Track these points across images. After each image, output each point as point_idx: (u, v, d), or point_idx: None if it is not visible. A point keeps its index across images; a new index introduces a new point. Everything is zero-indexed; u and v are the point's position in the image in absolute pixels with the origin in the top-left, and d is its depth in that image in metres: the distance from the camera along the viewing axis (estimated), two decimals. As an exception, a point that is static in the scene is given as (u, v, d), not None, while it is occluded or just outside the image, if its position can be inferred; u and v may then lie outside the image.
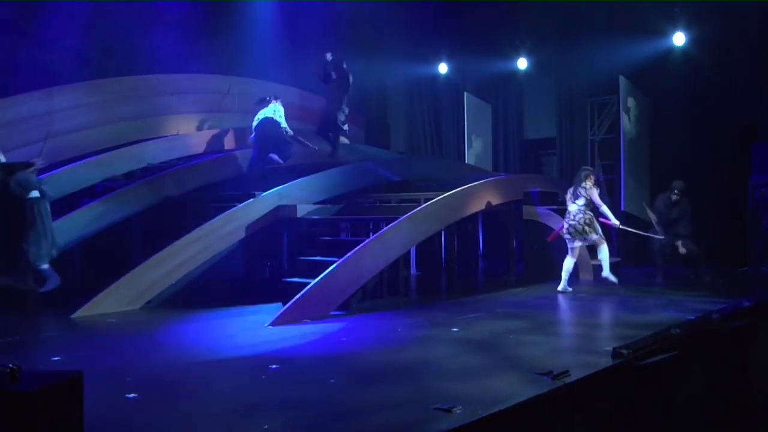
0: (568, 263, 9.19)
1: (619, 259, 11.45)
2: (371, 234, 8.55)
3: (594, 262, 10.45)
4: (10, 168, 8.10)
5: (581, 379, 4.68)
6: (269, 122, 10.73)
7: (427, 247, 9.89)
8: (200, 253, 8.60)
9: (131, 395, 4.43)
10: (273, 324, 6.98)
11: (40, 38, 10.90)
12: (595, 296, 8.87)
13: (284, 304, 7.29)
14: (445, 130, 16.09)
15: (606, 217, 9.31)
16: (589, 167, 10.38)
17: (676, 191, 10.40)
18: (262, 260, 9.69)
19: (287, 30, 13.91)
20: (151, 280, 8.23)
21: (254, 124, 10.89)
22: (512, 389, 4.47)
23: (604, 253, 9.20)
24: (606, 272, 9.17)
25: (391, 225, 8.30)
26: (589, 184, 9.16)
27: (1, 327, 6.96)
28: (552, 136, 14.69)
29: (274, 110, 10.90)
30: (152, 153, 10.83)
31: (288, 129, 10.94)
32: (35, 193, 8.00)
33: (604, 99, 13.75)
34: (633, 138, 12.73)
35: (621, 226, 9.64)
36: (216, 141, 11.76)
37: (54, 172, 9.61)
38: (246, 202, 9.14)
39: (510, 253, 10.57)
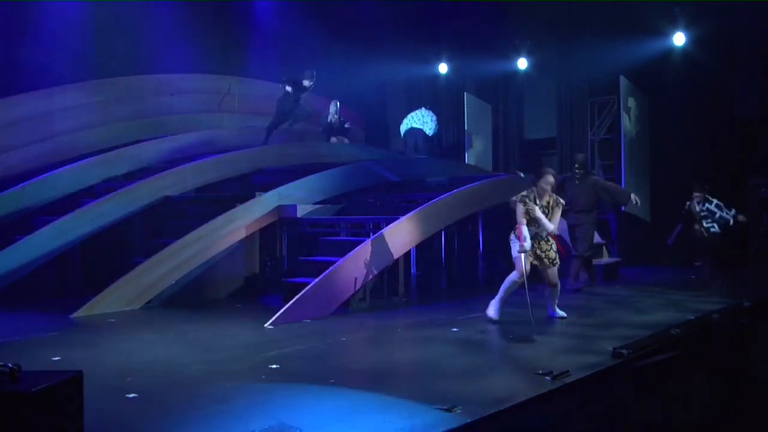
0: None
1: (620, 259, 11.47)
2: (371, 234, 8.55)
3: (594, 261, 10.45)
4: None
5: (581, 379, 4.68)
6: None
7: (427, 247, 9.90)
8: (200, 253, 8.59)
9: (131, 395, 4.43)
10: (273, 324, 6.98)
11: (40, 38, 10.90)
12: (595, 296, 8.86)
13: (284, 303, 7.29)
14: (445, 130, 16.08)
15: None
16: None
17: (576, 165, 9.22)
18: (262, 260, 9.69)
19: (288, 30, 13.90)
20: (151, 280, 8.23)
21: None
22: (512, 389, 4.47)
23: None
24: (490, 308, 7.10)
25: (391, 225, 8.30)
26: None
27: (1, 327, 6.97)
28: (552, 136, 14.69)
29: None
30: (152, 153, 10.82)
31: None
32: None
33: (604, 99, 13.75)
34: (633, 138, 12.73)
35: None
36: (216, 141, 11.76)
37: (54, 172, 9.62)
38: (246, 202, 9.14)
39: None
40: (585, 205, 9.17)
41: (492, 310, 7.02)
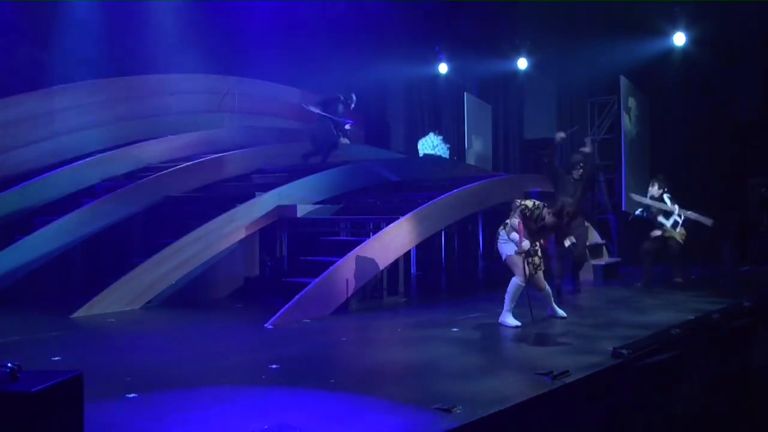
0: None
1: (620, 259, 11.47)
2: (371, 234, 8.55)
3: (593, 261, 10.46)
4: None
5: (581, 379, 4.68)
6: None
7: (427, 247, 9.90)
8: (200, 253, 8.59)
9: (131, 395, 4.43)
10: (273, 324, 6.97)
11: (41, 38, 10.90)
12: (595, 296, 8.86)
13: (284, 304, 7.30)
14: (445, 130, 16.09)
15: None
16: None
17: (580, 163, 9.10)
18: (262, 260, 9.70)
19: (287, 30, 13.91)
20: (151, 280, 8.23)
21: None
22: (512, 389, 4.47)
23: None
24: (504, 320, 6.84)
25: (391, 225, 8.30)
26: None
27: (1, 327, 6.97)
28: (552, 136, 14.66)
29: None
30: (152, 153, 10.82)
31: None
32: None
33: (604, 99, 13.76)
34: (633, 138, 12.73)
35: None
36: (216, 141, 11.76)
37: (54, 172, 9.62)
38: (246, 202, 9.14)
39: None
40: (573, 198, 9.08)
41: (508, 320, 6.75)
